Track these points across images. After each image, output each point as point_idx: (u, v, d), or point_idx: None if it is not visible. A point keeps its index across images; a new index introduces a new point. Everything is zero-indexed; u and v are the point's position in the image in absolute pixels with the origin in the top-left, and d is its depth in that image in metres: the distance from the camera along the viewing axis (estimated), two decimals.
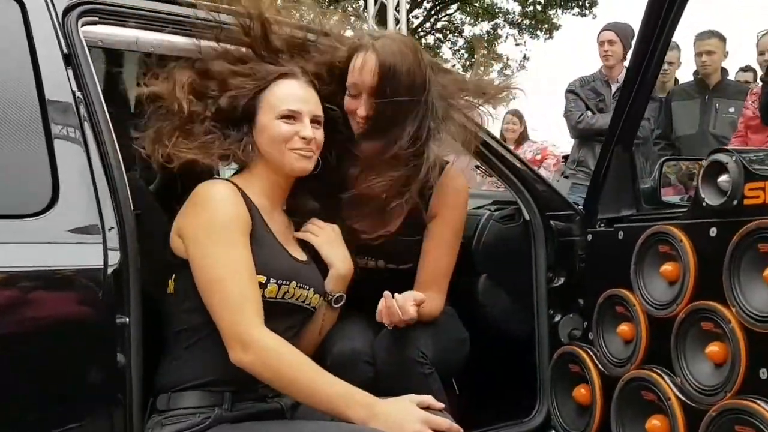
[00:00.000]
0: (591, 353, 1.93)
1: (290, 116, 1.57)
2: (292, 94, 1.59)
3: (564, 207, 2.17)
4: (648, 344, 1.77)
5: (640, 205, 2.01)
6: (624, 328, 1.84)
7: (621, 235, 1.90)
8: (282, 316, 1.53)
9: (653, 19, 1.76)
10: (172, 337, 1.54)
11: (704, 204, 1.67)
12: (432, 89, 1.71)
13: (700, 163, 1.74)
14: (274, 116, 1.57)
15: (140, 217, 1.51)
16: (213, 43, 1.66)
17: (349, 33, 1.81)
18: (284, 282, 1.52)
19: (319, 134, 1.61)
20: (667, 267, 1.73)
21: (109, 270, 1.40)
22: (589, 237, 2.04)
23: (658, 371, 1.73)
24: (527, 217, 2.12)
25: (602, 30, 4.25)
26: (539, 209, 2.10)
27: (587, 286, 2.03)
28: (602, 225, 2.03)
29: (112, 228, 1.43)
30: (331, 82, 1.71)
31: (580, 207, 2.16)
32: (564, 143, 6.26)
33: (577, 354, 1.96)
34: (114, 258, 1.41)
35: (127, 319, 1.42)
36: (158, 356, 1.54)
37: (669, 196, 2.41)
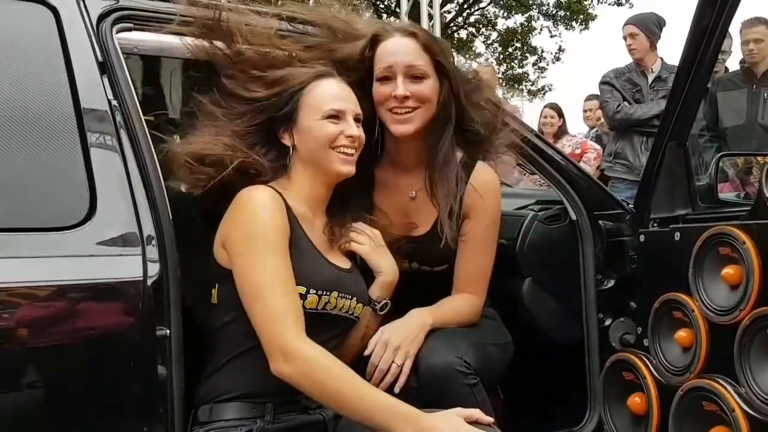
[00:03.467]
0: (646, 361, 1.85)
1: (335, 116, 1.54)
2: (334, 94, 1.57)
3: (612, 205, 2.09)
4: (708, 352, 1.69)
5: (695, 203, 1.93)
6: (682, 334, 1.76)
7: (677, 236, 1.81)
8: (324, 328, 1.50)
9: (709, 8, 1.67)
10: (214, 347, 1.52)
11: None
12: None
13: (761, 158, 1.64)
14: (319, 117, 1.54)
15: (181, 228, 1.48)
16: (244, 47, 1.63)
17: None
18: (324, 293, 1.49)
19: (361, 132, 1.58)
20: (729, 270, 1.65)
21: (149, 281, 1.39)
22: (642, 237, 1.96)
23: (720, 381, 1.64)
24: (574, 216, 2.05)
25: (624, 25, 4.21)
26: (586, 208, 2.04)
27: (640, 289, 1.95)
28: (655, 225, 1.95)
29: (152, 239, 1.41)
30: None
31: (630, 205, 2.08)
32: (583, 129, 6.16)
33: (632, 361, 1.88)
34: (153, 269, 1.40)
35: (168, 331, 1.40)
36: (199, 367, 1.52)
37: (723, 192, 2.30)
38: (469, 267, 1.76)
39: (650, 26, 4.10)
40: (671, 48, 4.18)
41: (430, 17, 7.07)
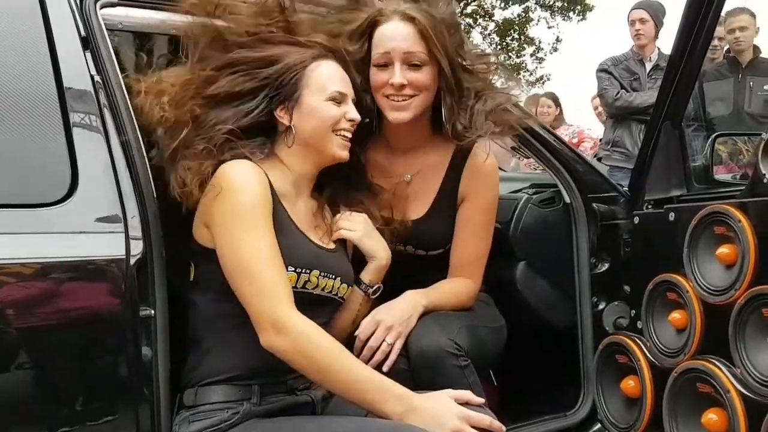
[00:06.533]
0: (640, 343, 1.83)
1: (338, 98, 1.52)
2: (337, 76, 1.55)
3: (607, 188, 2.07)
4: (703, 333, 1.67)
5: (690, 184, 1.90)
6: (676, 315, 1.74)
7: (672, 216, 1.79)
8: (309, 309, 1.46)
9: None
10: (195, 328, 1.50)
11: (765, 181, 1.56)
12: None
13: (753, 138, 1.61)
14: (324, 97, 1.51)
15: (164, 205, 1.45)
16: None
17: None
18: (304, 270, 1.46)
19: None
20: (724, 250, 1.63)
21: (132, 260, 1.36)
22: (636, 219, 1.94)
23: (714, 362, 1.62)
24: (568, 199, 2.04)
25: (633, 9, 4.20)
26: (580, 191, 2.02)
27: (634, 272, 1.93)
28: (650, 206, 1.93)
29: (134, 216, 1.38)
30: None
31: (624, 188, 2.06)
32: (597, 126, 6.14)
33: (625, 344, 1.86)
34: (137, 248, 1.37)
35: (152, 312, 1.38)
36: (185, 349, 1.50)
37: (719, 174, 2.27)
38: (465, 251, 1.75)
39: (658, 14, 4.10)
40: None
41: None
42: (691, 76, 1.81)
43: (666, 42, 4.26)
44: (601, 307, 2.00)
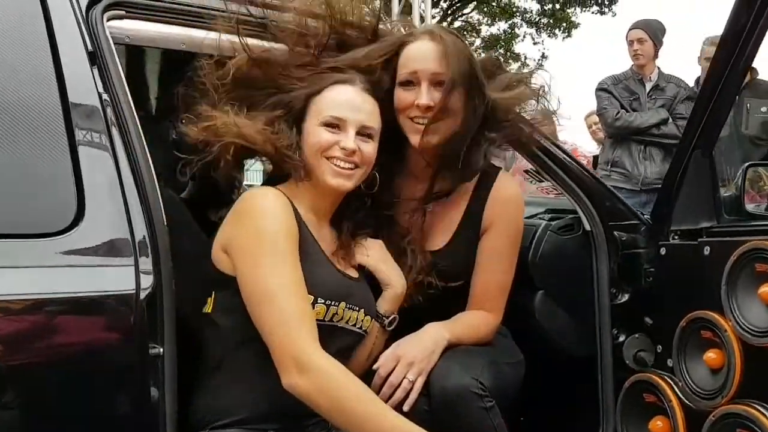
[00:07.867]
0: (671, 382, 1.74)
1: (334, 124, 1.45)
2: (342, 101, 1.47)
3: (627, 215, 1.99)
4: (743, 375, 1.58)
5: (720, 215, 1.82)
6: (711, 355, 1.65)
7: (707, 250, 1.71)
8: (331, 342, 1.39)
9: (745, 8, 1.57)
10: (209, 365, 1.42)
11: None
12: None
13: None
14: (317, 122, 1.45)
15: (172, 232, 1.36)
16: (258, 42, 1.53)
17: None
18: (333, 302, 1.40)
19: (367, 147, 1.47)
20: (767, 289, 1.54)
21: (142, 294, 1.27)
22: (663, 250, 1.86)
23: (758, 407, 1.53)
24: (588, 227, 1.95)
25: (631, 29, 4.18)
26: (601, 218, 1.93)
27: (660, 306, 1.85)
28: (676, 237, 1.85)
29: (145, 247, 1.29)
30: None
31: (646, 216, 1.99)
32: (588, 144, 6.09)
33: (655, 383, 1.77)
34: (147, 281, 1.28)
35: (161, 349, 1.29)
36: (196, 388, 1.41)
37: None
38: (487, 282, 1.68)
39: (657, 33, 4.07)
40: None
41: (422, 19, 7.02)
42: (726, 102, 1.74)
43: (665, 61, 4.23)
44: (621, 339, 1.92)
